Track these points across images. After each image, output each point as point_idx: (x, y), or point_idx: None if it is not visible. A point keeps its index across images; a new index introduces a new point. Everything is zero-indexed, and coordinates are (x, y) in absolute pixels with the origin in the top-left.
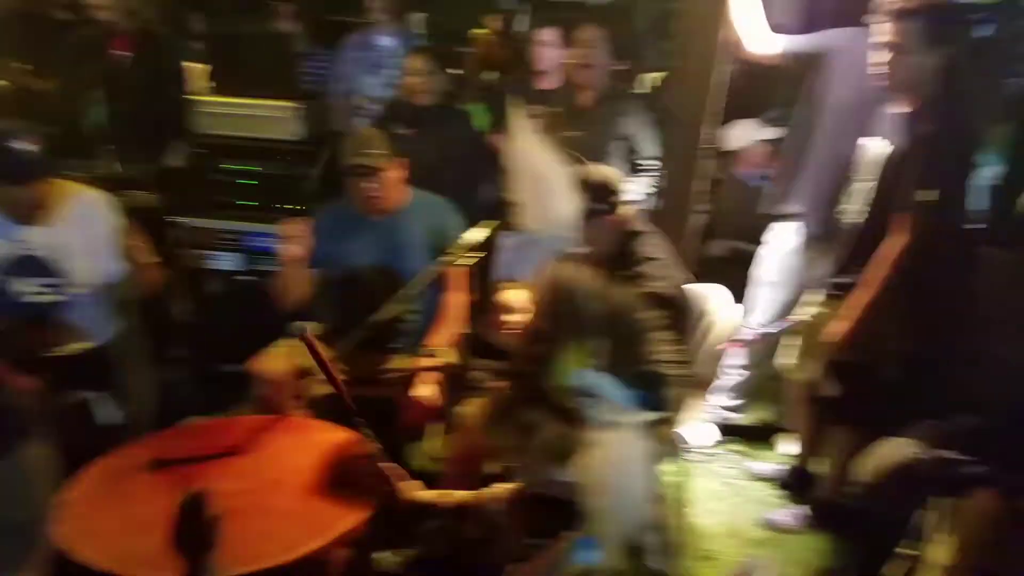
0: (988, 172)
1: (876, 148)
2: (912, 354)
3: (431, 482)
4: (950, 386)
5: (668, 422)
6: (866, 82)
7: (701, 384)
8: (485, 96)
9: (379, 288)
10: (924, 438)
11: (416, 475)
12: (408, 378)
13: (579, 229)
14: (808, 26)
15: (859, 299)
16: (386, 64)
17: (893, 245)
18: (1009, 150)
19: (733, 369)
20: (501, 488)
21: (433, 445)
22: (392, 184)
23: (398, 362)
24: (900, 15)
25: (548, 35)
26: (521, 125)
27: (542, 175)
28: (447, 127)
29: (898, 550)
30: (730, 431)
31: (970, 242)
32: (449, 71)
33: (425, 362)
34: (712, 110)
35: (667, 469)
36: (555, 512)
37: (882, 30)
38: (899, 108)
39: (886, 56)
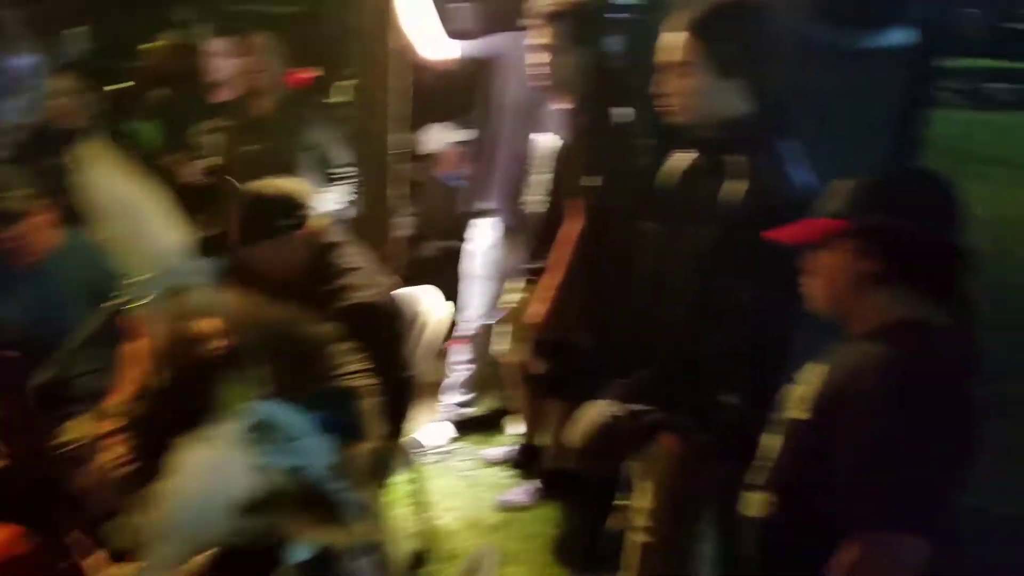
0: (647, 155)
1: (548, 142)
2: (598, 322)
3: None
4: (631, 346)
5: (365, 438)
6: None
7: (428, 386)
8: (157, 112)
9: (34, 348)
10: (615, 397)
11: (119, 555)
12: (88, 447)
13: (250, 251)
14: (486, 31)
15: (549, 281)
16: (24, 87)
17: (570, 229)
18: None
19: (459, 365)
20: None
21: (133, 518)
22: (38, 228)
23: (73, 430)
24: (550, 18)
25: (221, 45)
26: (96, 157)
27: (129, 210)
28: None
29: (615, 503)
30: (465, 425)
31: (632, 218)
32: (113, 88)
33: (106, 426)
34: (398, 115)
35: (400, 479)
36: (256, 560)
37: (536, 33)
38: (561, 104)
39: (543, 57)
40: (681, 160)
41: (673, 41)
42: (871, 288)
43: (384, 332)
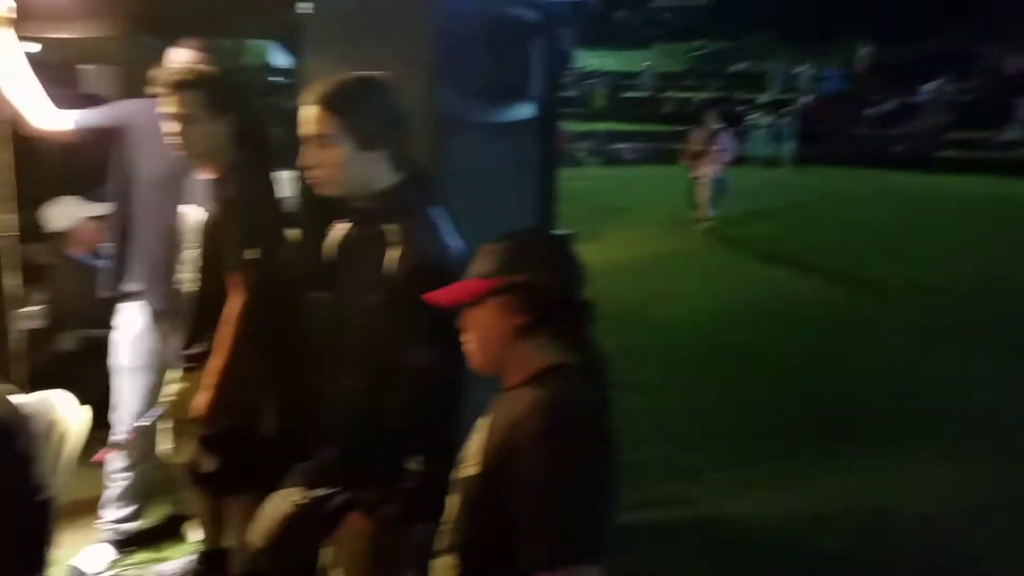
0: (309, 224)
1: (195, 215)
2: (275, 405)
3: None
4: (313, 426)
5: None
6: (171, 151)
7: (80, 504)
8: None
9: None
10: (299, 484)
11: None
12: None
13: None
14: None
15: (215, 366)
16: None
17: (233, 306)
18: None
19: (116, 475)
20: None
21: None
22: None
23: None
24: (178, 87)
25: None
26: None
27: None
28: None
29: None
30: (132, 541)
31: (300, 290)
32: None
33: None
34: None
35: None
36: None
37: (167, 101)
38: (205, 174)
39: (177, 126)
40: (341, 231)
41: (308, 115)
42: (520, 340)
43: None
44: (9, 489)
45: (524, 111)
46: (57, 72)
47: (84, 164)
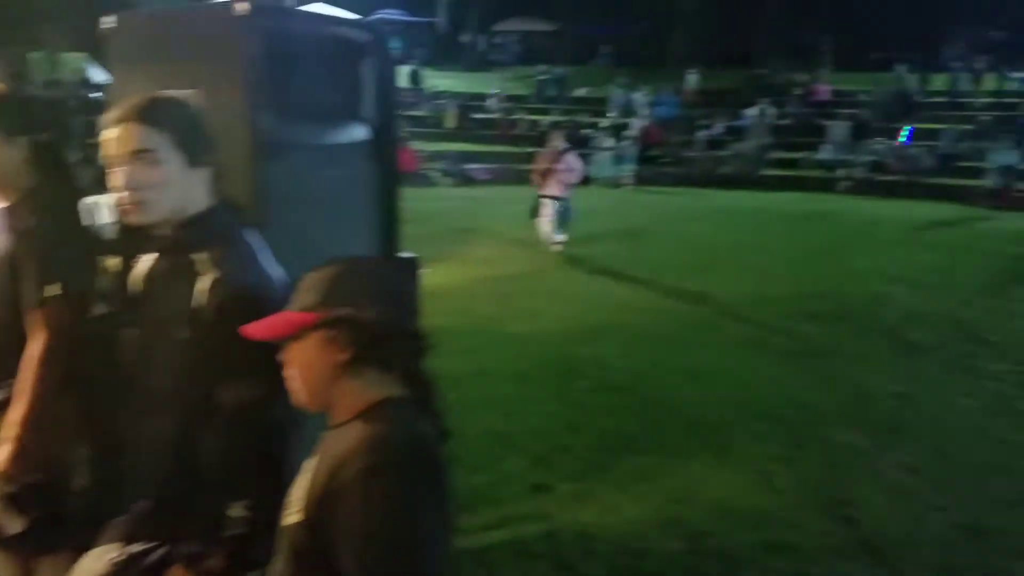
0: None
1: None
2: (88, 454)
3: None
4: (130, 475)
5: None
6: None
7: None
8: None
9: None
10: (113, 540)
11: None
12: None
13: None
14: None
15: (17, 415)
16: None
17: (35, 347)
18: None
19: None
20: None
21: None
22: None
23: None
24: None
25: None
26: None
27: None
28: None
29: None
30: None
31: (108, 328)
32: None
33: None
34: None
35: None
36: None
37: None
38: None
39: None
40: (149, 261)
41: (126, 132)
42: (346, 375)
43: None
44: None
45: (357, 132)
46: None
47: None
